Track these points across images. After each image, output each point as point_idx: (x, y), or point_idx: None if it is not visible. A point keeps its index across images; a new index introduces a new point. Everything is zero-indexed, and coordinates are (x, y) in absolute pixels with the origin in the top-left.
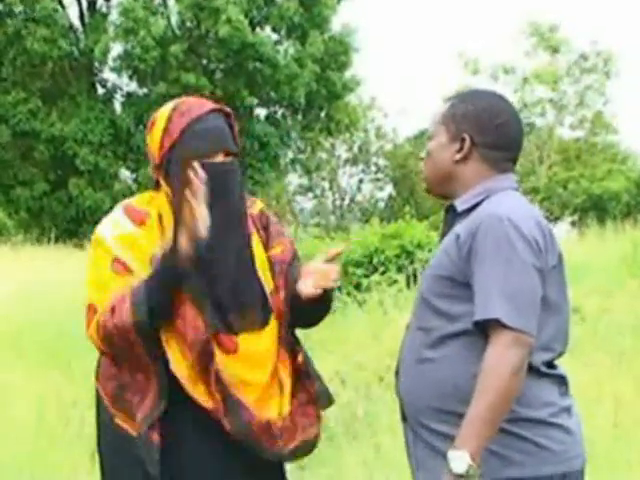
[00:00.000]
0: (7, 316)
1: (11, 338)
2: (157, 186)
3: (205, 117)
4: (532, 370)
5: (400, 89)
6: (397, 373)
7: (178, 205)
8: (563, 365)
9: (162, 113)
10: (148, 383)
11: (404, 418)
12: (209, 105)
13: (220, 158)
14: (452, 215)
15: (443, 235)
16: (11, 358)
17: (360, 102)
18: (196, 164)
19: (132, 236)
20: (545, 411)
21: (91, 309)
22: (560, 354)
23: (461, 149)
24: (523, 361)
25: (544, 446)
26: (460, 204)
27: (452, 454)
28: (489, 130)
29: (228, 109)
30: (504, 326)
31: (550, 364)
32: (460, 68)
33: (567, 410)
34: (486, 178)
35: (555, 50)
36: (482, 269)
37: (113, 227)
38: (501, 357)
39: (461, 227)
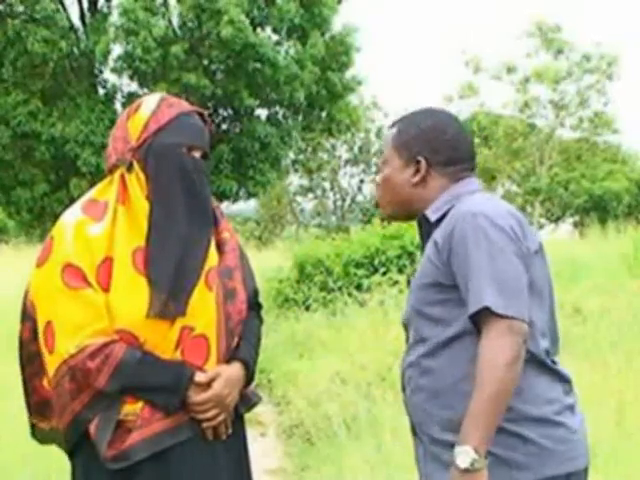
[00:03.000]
0: (9, 315)
1: (13, 338)
2: (130, 168)
3: (192, 114)
4: (535, 361)
5: (402, 88)
6: (404, 389)
7: (154, 189)
8: (564, 364)
9: (149, 99)
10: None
11: (414, 432)
12: (193, 107)
13: (197, 155)
14: (427, 226)
15: (423, 246)
16: (13, 358)
17: (361, 102)
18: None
19: (92, 236)
20: (549, 409)
21: (49, 329)
22: (555, 342)
23: (417, 171)
24: (519, 349)
25: (548, 447)
26: (432, 214)
27: (457, 450)
28: (441, 148)
29: (207, 116)
30: (495, 314)
31: (550, 356)
32: (462, 67)
33: (570, 408)
34: (448, 189)
35: (559, 51)
36: (465, 267)
37: (75, 227)
38: (495, 347)
39: (438, 232)
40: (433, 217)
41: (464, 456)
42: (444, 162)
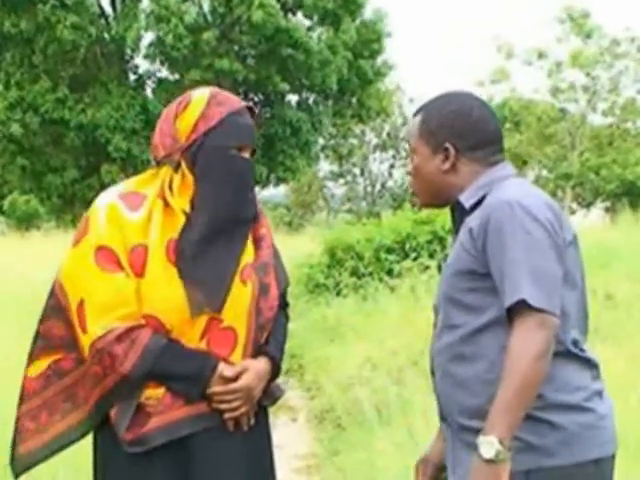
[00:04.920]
0: (40, 302)
1: None
2: (177, 167)
3: (241, 111)
4: (565, 350)
5: (431, 73)
6: (433, 373)
7: (201, 190)
8: (595, 351)
9: (199, 97)
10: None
11: (442, 417)
12: (242, 102)
13: (247, 154)
14: (460, 212)
15: (456, 232)
16: None
17: (386, 88)
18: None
19: (127, 221)
20: (578, 395)
21: (82, 307)
22: (585, 332)
23: (446, 158)
24: (549, 344)
25: (577, 433)
26: (466, 200)
27: (481, 440)
28: (467, 132)
29: (255, 109)
30: (529, 307)
31: (578, 345)
32: (493, 52)
33: (599, 394)
34: (481, 174)
35: (588, 36)
36: (501, 257)
37: (108, 211)
38: (527, 340)
39: (472, 220)
40: (467, 204)
41: (489, 447)
42: (472, 146)
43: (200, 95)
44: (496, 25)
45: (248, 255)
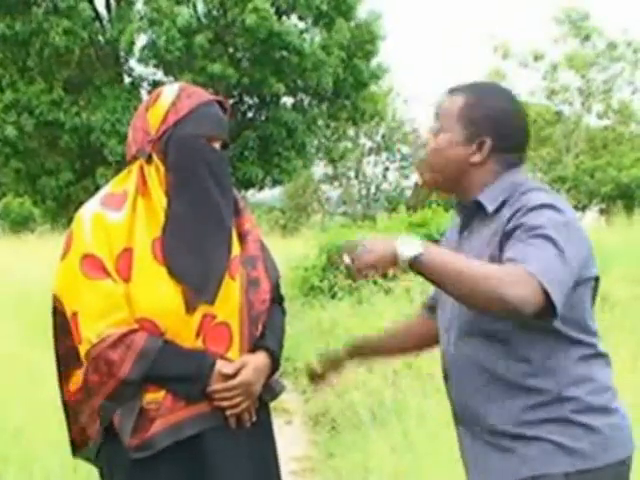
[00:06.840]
0: (35, 304)
1: (40, 327)
2: (149, 160)
3: (211, 103)
4: (595, 353)
5: (427, 74)
6: (446, 378)
7: (174, 181)
8: None
9: (168, 90)
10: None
11: (460, 422)
12: (212, 95)
13: (217, 146)
14: (472, 210)
15: (462, 229)
16: (42, 344)
17: (381, 90)
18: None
19: (111, 225)
20: (606, 396)
21: (75, 320)
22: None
23: (478, 151)
24: (524, 308)
25: (608, 434)
26: (489, 203)
27: (410, 240)
28: (508, 134)
29: (226, 104)
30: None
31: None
32: (489, 53)
33: (616, 393)
34: (500, 175)
35: (586, 38)
36: (523, 245)
37: (93, 216)
38: (521, 283)
39: (498, 227)
40: (491, 207)
41: (413, 247)
42: (506, 149)
43: (170, 87)
44: (492, 25)
45: (235, 249)
